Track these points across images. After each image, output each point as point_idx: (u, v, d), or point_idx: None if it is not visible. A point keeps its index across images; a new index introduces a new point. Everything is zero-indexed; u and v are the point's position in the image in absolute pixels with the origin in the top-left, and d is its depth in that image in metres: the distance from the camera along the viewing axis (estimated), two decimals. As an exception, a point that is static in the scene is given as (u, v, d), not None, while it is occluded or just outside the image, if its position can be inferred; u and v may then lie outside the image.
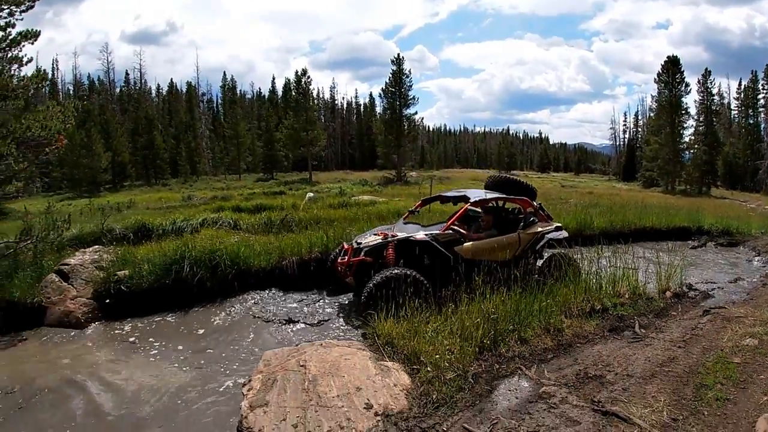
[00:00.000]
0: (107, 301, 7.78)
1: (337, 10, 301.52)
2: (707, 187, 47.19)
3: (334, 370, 4.21)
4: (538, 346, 5.19)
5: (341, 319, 7.31)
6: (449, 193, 9.30)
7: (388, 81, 51.37)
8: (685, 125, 49.76)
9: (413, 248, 7.23)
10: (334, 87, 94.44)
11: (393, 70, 50.95)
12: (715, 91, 53.51)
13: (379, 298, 6.13)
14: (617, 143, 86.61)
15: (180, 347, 6.47)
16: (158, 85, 78.10)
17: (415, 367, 4.42)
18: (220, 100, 79.93)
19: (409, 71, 51.58)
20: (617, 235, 10.88)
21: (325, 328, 6.99)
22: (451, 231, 7.50)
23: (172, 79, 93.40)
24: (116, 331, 7.16)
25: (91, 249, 9.48)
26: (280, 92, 79.36)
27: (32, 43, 8.51)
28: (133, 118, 56.12)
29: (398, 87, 50.77)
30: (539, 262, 8.18)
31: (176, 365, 5.91)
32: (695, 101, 51.43)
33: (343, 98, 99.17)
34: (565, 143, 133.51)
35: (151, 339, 6.81)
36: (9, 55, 8.30)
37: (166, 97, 73.69)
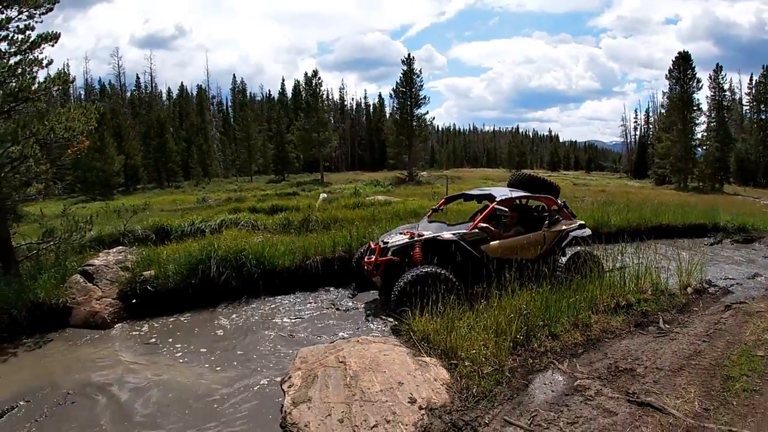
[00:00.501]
0: (133, 301, 7.85)
1: (344, 10, 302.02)
2: (720, 184, 46.88)
3: (374, 365, 4.29)
4: (569, 341, 5.33)
5: (369, 317, 7.40)
6: (473, 192, 9.33)
7: (398, 81, 51.42)
8: (696, 122, 49.37)
9: (440, 247, 7.27)
10: (343, 88, 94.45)
11: (404, 70, 50.95)
12: (726, 86, 53.22)
13: (411, 296, 6.14)
14: (628, 140, 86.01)
15: (208, 347, 6.50)
16: (168, 88, 78.69)
17: (452, 362, 4.55)
18: (230, 103, 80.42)
19: (420, 71, 51.70)
20: (634, 233, 10.94)
21: (353, 325, 7.07)
22: (478, 230, 7.53)
23: (182, 82, 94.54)
24: (142, 332, 7.23)
25: (115, 249, 9.59)
26: (289, 94, 79.75)
27: (52, 45, 8.57)
28: (145, 121, 56.67)
29: (409, 87, 50.77)
30: (563, 259, 8.30)
31: (206, 365, 5.94)
32: (707, 97, 51.10)
33: (353, 99, 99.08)
34: (575, 141, 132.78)
35: (178, 339, 6.86)
36: (30, 57, 8.35)
37: (176, 101, 74.15)
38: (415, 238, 7.48)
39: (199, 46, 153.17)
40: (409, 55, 51.50)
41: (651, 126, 77.22)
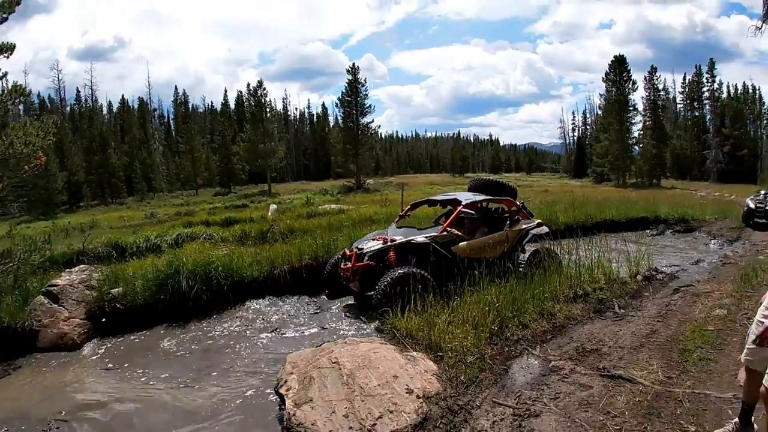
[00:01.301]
0: (103, 320, 7.68)
1: (285, 21, 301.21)
2: (657, 179, 49.55)
3: (367, 363, 4.48)
4: (537, 329, 5.74)
5: (345, 321, 7.55)
6: (438, 197, 9.84)
7: (344, 90, 52.49)
8: (633, 121, 52.42)
9: (413, 250, 7.63)
10: (287, 98, 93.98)
11: (349, 79, 52.05)
12: (660, 86, 56.47)
13: (393, 295, 6.48)
14: (566, 141, 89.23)
15: (185, 362, 6.41)
16: (109, 101, 75.56)
17: (438, 354, 4.86)
18: (172, 115, 78.37)
19: (365, 80, 52.71)
20: (581, 229, 11.56)
21: (329, 331, 7.17)
22: (447, 232, 7.96)
23: (123, 95, 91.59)
24: (115, 351, 7.03)
25: (77, 268, 9.23)
26: (232, 105, 78.76)
27: (7, 57, 8.28)
28: (87, 136, 54.52)
29: (354, 96, 51.75)
30: (524, 256, 8.78)
31: (186, 381, 5.80)
32: (642, 98, 54.15)
33: (296, 109, 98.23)
34: (515, 144, 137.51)
35: (153, 357, 6.72)
36: None
37: (117, 114, 71.95)
38: (389, 243, 7.78)
39: (138, 58, 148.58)
40: (353, 64, 52.58)
41: (588, 127, 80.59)
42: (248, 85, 59.40)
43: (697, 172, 56.27)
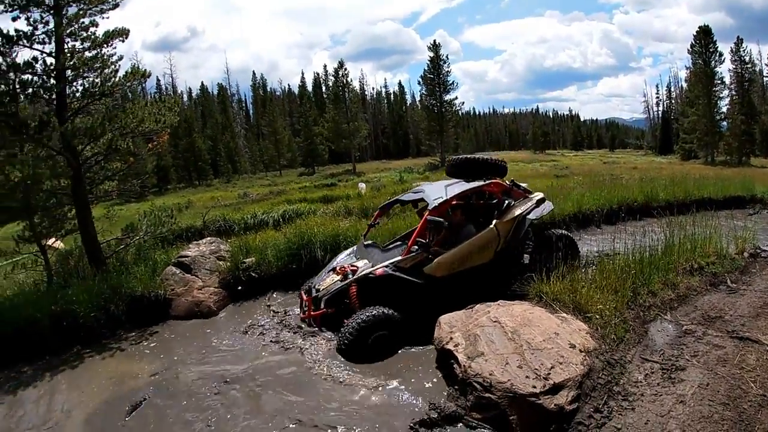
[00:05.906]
0: (238, 288, 8.29)
1: (352, 1, 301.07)
2: (747, 157, 46.94)
3: (526, 321, 4.99)
4: (665, 297, 6.35)
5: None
6: (406, 197, 8.25)
7: (426, 68, 52.69)
8: (720, 95, 49.66)
9: (377, 282, 6.37)
10: (363, 78, 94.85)
11: (431, 56, 52.18)
12: (747, 59, 53.22)
13: (359, 345, 5.74)
14: (650, 116, 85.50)
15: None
16: (189, 88, 79.77)
17: (586, 315, 5.53)
18: (251, 100, 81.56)
19: (447, 56, 52.77)
20: (681, 206, 11.71)
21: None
22: (415, 249, 6.60)
23: (202, 82, 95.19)
24: (253, 317, 7.38)
25: (205, 240, 9.92)
26: (309, 87, 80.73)
27: (123, 41, 8.48)
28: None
29: (437, 73, 51.99)
30: (526, 256, 7.61)
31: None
32: (729, 70, 51.17)
33: (372, 89, 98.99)
34: (596, 119, 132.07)
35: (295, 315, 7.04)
36: (106, 51, 8.27)
37: (197, 101, 75.43)
38: (349, 279, 6.50)
39: (211, 47, 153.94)
40: (434, 41, 52.86)
41: (673, 101, 76.82)
42: (325, 66, 60.85)
43: (787, 151, 52.85)
